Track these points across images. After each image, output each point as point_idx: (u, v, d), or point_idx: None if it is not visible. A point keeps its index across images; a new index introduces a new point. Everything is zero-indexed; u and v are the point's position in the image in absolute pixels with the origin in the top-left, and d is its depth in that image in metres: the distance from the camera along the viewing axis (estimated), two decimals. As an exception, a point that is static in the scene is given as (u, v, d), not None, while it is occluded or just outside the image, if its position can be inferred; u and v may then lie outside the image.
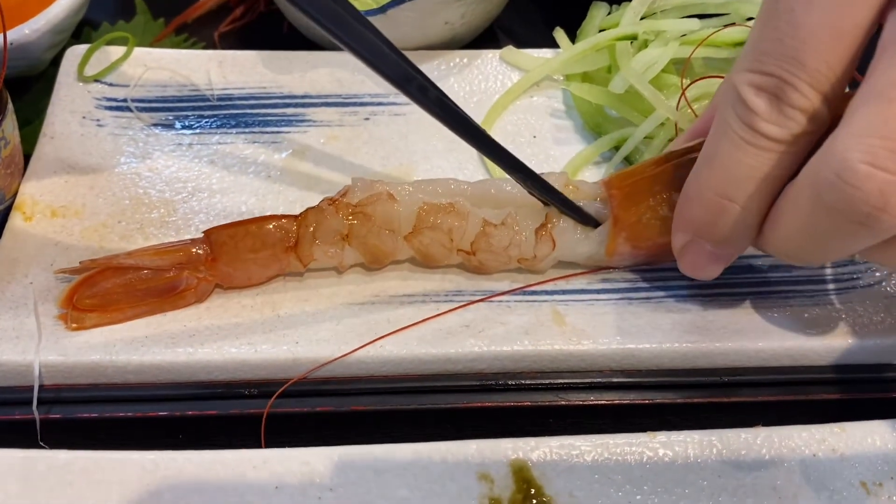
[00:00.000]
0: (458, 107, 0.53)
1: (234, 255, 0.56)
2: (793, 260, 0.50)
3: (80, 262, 0.56)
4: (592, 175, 0.68)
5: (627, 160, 0.68)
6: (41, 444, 0.51)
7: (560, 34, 0.76)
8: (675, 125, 0.66)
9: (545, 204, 0.58)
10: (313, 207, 0.58)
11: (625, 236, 0.57)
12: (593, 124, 0.71)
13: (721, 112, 0.47)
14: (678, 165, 0.55)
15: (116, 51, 0.71)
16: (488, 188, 0.59)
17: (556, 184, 0.58)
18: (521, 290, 0.59)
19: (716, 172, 0.48)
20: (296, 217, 0.57)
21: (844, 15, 0.42)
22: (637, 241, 0.57)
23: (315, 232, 0.57)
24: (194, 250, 0.57)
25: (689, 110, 0.66)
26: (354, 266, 0.60)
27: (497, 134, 0.70)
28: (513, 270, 0.60)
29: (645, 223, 0.56)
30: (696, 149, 0.54)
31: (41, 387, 0.53)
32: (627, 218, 0.56)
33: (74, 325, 0.55)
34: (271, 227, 0.57)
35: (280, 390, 0.53)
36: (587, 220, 0.58)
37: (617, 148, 0.69)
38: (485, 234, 0.57)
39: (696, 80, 0.67)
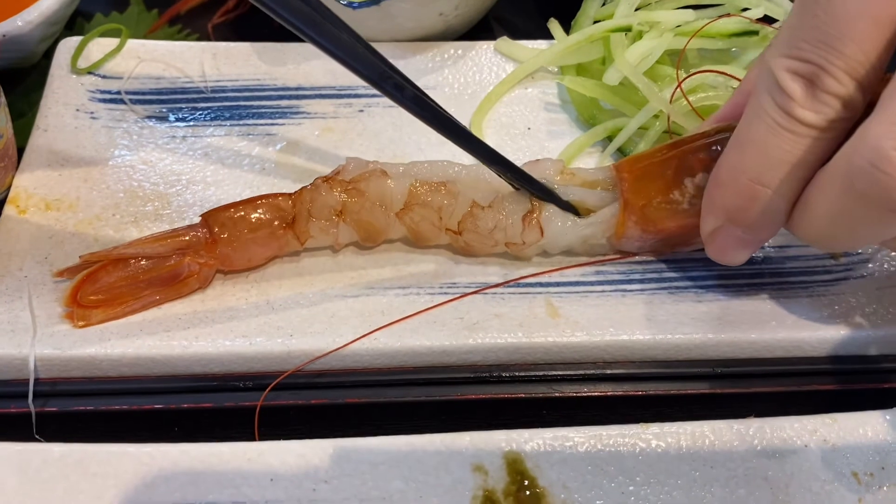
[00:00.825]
0: (434, 103, 0.53)
1: (232, 236, 0.57)
2: (821, 246, 0.50)
3: (79, 257, 0.56)
4: (586, 165, 0.68)
5: (621, 151, 0.68)
6: (37, 437, 0.52)
7: (554, 25, 0.76)
8: (668, 117, 0.66)
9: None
10: (308, 185, 0.58)
11: (634, 220, 0.57)
12: (588, 116, 0.71)
13: (756, 96, 0.47)
14: (692, 150, 0.55)
15: (110, 43, 0.71)
16: (482, 173, 0.59)
17: (552, 170, 0.58)
18: (514, 282, 0.59)
19: (749, 156, 0.48)
20: (291, 195, 0.58)
21: (884, 4, 0.42)
22: (647, 224, 0.57)
23: (311, 209, 0.57)
24: (193, 234, 0.57)
25: (684, 102, 0.66)
26: (349, 245, 0.60)
27: (491, 125, 0.70)
28: (503, 257, 0.60)
29: (656, 206, 0.56)
30: (709, 134, 0.55)
31: (37, 380, 0.53)
32: (638, 201, 0.56)
33: (81, 323, 0.55)
34: (268, 204, 0.58)
35: (274, 383, 0.53)
36: (567, 210, 0.58)
37: (610, 138, 0.69)
38: (472, 214, 0.57)
39: (693, 74, 0.67)
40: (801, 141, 0.45)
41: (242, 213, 0.57)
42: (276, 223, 0.57)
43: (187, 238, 0.57)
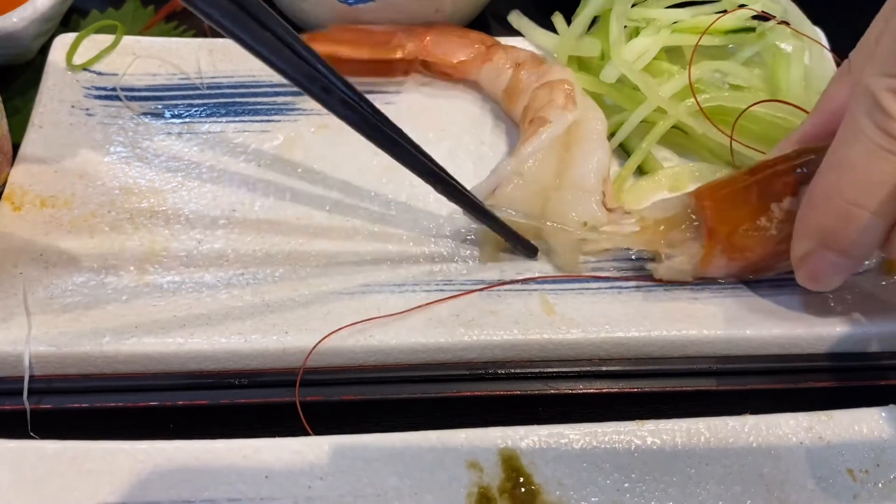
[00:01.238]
0: (369, 107, 0.48)
1: (440, 33, 0.71)
2: None
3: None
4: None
5: (623, 147, 0.68)
6: (31, 434, 0.51)
7: (558, 18, 0.76)
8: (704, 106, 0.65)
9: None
10: None
11: (721, 248, 0.55)
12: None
13: (853, 117, 0.46)
14: (777, 173, 0.54)
15: (105, 39, 0.71)
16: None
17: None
18: (510, 281, 0.59)
19: (846, 179, 0.47)
20: None
21: None
22: (734, 252, 0.56)
23: (506, 48, 0.71)
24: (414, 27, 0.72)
25: (686, 99, 0.66)
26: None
27: (487, 122, 0.70)
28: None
29: (742, 234, 0.55)
30: (793, 157, 0.54)
31: (32, 377, 0.53)
32: (723, 229, 0.55)
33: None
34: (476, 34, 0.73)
35: (268, 380, 0.53)
36: (528, 250, 0.58)
37: (612, 134, 0.69)
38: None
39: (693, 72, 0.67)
40: None
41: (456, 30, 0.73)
42: (479, 39, 0.71)
43: (408, 25, 0.72)
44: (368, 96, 0.69)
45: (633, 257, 0.60)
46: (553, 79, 0.66)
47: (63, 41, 0.70)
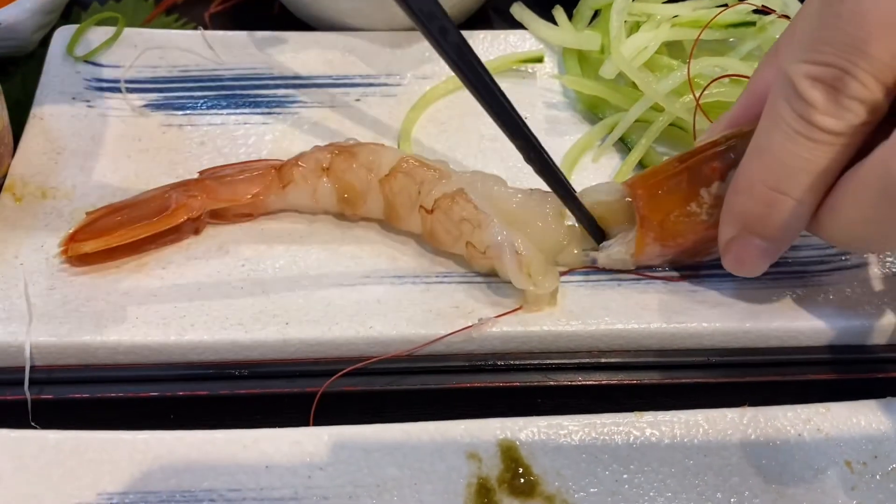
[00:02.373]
0: (478, 61, 0.50)
1: (221, 173, 0.61)
2: (851, 248, 0.50)
3: (85, 213, 0.59)
4: (587, 158, 0.68)
5: (623, 141, 0.68)
6: (32, 424, 0.52)
7: (559, 12, 0.76)
8: (696, 109, 0.65)
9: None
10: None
11: (653, 236, 0.56)
12: (589, 104, 0.71)
13: (773, 104, 0.46)
14: (704, 159, 0.54)
15: (106, 31, 0.71)
16: (492, 184, 0.59)
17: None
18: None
19: (768, 165, 0.47)
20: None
21: None
22: (666, 238, 0.56)
23: (300, 159, 0.60)
24: (185, 180, 0.61)
25: (684, 96, 0.66)
26: (326, 213, 0.62)
27: (487, 115, 0.70)
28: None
29: (674, 221, 0.55)
30: (720, 142, 0.54)
31: (33, 367, 0.53)
32: (655, 217, 0.55)
33: (70, 253, 0.56)
34: (260, 161, 0.63)
35: (268, 371, 0.53)
36: (595, 234, 0.58)
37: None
38: (454, 197, 0.57)
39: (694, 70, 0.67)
40: (823, 148, 0.45)
41: (235, 165, 0.62)
42: (265, 166, 0.61)
43: (179, 182, 0.61)
44: (366, 90, 0.71)
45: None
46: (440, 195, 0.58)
47: (64, 33, 0.70)
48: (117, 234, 0.57)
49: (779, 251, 0.52)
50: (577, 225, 0.59)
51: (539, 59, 0.74)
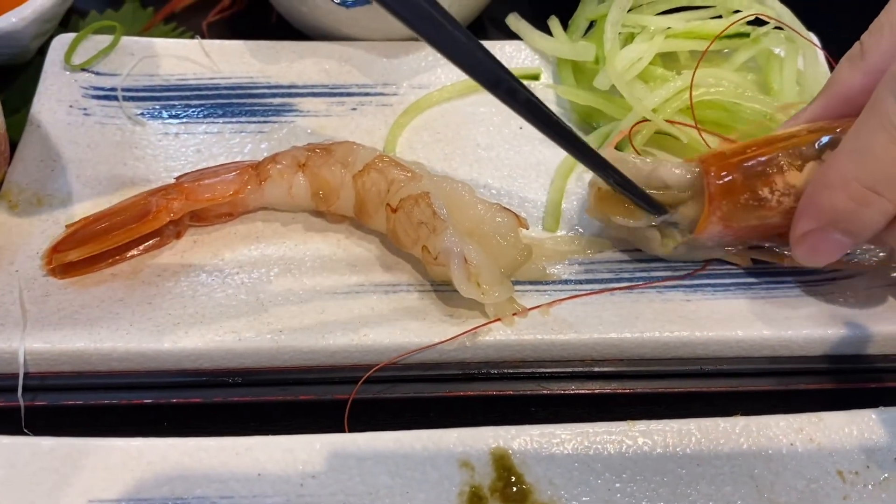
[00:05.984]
0: (545, 107, 0.51)
1: (199, 175, 0.62)
2: None
3: (65, 226, 0.59)
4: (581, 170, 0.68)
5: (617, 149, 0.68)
6: (25, 430, 0.52)
7: (554, 22, 0.76)
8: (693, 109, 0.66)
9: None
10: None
11: (719, 215, 0.56)
12: (583, 114, 0.72)
13: (879, 103, 0.47)
14: (784, 149, 0.55)
15: (104, 40, 0.71)
16: (460, 191, 0.59)
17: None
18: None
19: (867, 165, 0.48)
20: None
21: None
22: (730, 220, 0.56)
23: (277, 156, 0.62)
24: (164, 184, 0.62)
25: (669, 109, 0.67)
26: (303, 211, 0.63)
27: (483, 124, 0.70)
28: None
29: (743, 203, 0.55)
30: (799, 135, 0.55)
31: (26, 374, 0.53)
32: (726, 196, 0.55)
33: (54, 264, 0.56)
34: (237, 164, 0.64)
35: (262, 379, 0.53)
36: (657, 210, 0.58)
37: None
38: (416, 200, 0.57)
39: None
40: None
41: (212, 167, 0.63)
42: (242, 166, 0.62)
43: (158, 187, 0.61)
44: (362, 100, 0.71)
45: (628, 259, 0.61)
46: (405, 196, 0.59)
47: (62, 41, 0.70)
48: (100, 241, 0.57)
49: (855, 247, 0.52)
50: (541, 239, 0.60)
51: (536, 77, 0.75)
